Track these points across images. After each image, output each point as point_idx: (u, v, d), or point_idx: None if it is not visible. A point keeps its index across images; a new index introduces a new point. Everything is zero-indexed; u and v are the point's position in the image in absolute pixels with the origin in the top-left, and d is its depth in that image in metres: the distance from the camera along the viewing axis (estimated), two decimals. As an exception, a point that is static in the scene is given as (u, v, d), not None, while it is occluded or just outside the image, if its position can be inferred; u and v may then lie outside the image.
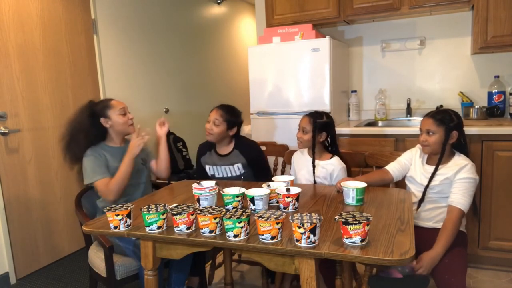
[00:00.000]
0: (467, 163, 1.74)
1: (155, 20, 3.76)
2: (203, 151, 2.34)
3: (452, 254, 1.63)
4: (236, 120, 2.24)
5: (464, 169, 1.73)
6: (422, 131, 1.82)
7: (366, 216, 1.21)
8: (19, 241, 2.63)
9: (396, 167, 1.95)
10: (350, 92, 3.21)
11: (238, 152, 2.23)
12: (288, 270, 1.28)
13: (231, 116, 2.21)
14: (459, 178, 1.72)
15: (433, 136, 1.76)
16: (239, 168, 2.23)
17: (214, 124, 2.18)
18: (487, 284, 2.28)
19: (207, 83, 4.69)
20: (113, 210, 1.42)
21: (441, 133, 1.75)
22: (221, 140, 2.23)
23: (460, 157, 1.79)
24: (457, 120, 1.77)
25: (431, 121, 1.78)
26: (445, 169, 1.77)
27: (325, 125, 2.04)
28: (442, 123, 1.75)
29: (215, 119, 2.18)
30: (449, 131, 1.74)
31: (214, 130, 2.18)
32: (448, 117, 1.76)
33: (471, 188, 1.72)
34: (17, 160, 2.62)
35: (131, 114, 2.10)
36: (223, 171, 2.26)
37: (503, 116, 2.74)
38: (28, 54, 2.66)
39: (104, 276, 1.81)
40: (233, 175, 2.25)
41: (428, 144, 1.78)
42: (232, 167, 2.24)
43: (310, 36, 2.74)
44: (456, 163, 1.76)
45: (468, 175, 1.71)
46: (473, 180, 1.72)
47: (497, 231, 2.37)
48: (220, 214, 1.32)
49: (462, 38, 2.88)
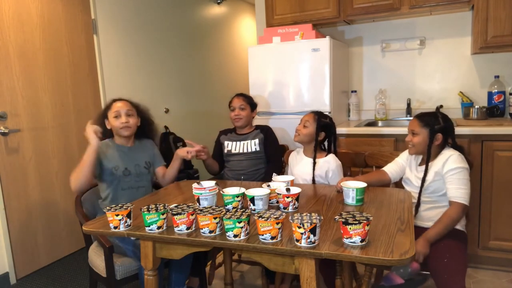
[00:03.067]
0: (453, 154, 1.75)
1: (155, 20, 3.75)
2: (224, 133, 2.56)
3: (452, 253, 1.63)
4: (255, 103, 2.53)
5: (450, 160, 1.73)
6: (408, 132, 1.84)
7: (366, 216, 1.21)
8: (19, 241, 2.63)
9: (393, 168, 1.96)
10: (350, 92, 3.21)
11: (258, 130, 2.47)
12: (288, 270, 1.28)
13: (250, 99, 2.51)
14: (448, 170, 1.73)
15: (416, 136, 1.79)
16: (256, 144, 2.40)
17: (241, 109, 2.42)
18: (487, 284, 2.28)
19: (207, 83, 4.69)
20: (113, 210, 1.42)
21: (424, 135, 1.77)
22: (248, 123, 2.48)
23: (449, 150, 1.80)
24: (444, 123, 1.77)
25: (417, 122, 1.80)
26: (434, 164, 1.78)
27: (326, 126, 2.08)
28: (427, 125, 1.77)
29: (240, 105, 2.43)
30: (433, 133, 1.75)
31: (241, 114, 2.42)
32: (434, 120, 1.77)
33: (464, 177, 1.72)
34: (17, 160, 2.62)
35: (130, 118, 2.02)
36: (240, 146, 2.43)
37: (503, 116, 2.74)
38: (28, 54, 2.66)
39: (104, 276, 1.81)
40: (249, 151, 2.40)
41: (412, 144, 1.81)
42: (249, 142, 2.43)
43: (310, 36, 2.74)
44: (443, 155, 1.78)
45: (455, 165, 1.72)
46: (462, 168, 1.72)
47: (497, 231, 2.37)
48: (220, 214, 1.32)
49: (462, 38, 2.88)
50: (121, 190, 2.00)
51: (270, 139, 2.45)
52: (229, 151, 2.45)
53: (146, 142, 2.18)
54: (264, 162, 2.44)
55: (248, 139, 2.44)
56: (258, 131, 2.47)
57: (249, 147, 2.41)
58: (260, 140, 2.42)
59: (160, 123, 3.83)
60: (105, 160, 1.98)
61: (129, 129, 2.02)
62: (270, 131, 2.49)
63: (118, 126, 1.99)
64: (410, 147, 1.84)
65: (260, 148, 2.41)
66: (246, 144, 2.43)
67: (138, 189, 2.05)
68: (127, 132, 2.01)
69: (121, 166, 2.00)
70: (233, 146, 2.45)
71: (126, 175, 2.01)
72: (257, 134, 2.45)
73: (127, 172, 2.01)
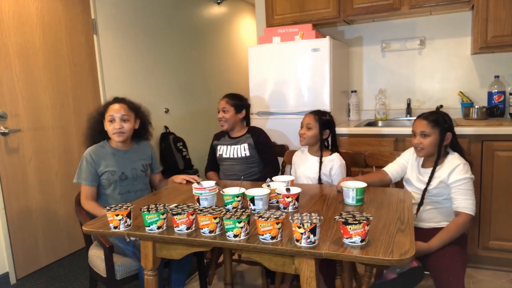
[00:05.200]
0: (459, 163, 1.72)
1: (155, 20, 3.76)
2: (218, 137, 2.52)
3: (451, 253, 1.63)
4: (242, 103, 2.42)
5: (457, 170, 1.71)
6: (416, 134, 1.78)
7: (366, 216, 1.21)
8: (19, 241, 2.63)
9: (394, 169, 1.94)
10: (350, 92, 3.21)
11: (249, 135, 2.41)
12: (288, 270, 1.28)
13: (236, 100, 2.41)
14: (454, 180, 1.70)
15: (428, 138, 1.74)
16: (245, 148, 2.35)
17: (223, 111, 2.37)
18: (487, 284, 2.28)
19: (207, 83, 4.69)
20: (113, 210, 1.42)
21: (436, 135, 1.73)
22: (234, 125, 2.40)
23: (454, 156, 1.76)
24: (449, 121, 1.76)
25: (426, 123, 1.75)
26: (439, 172, 1.75)
27: (328, 123, 2.09)
28: (437, 124, 1.73)
29: (223, 107, 2.38)
30: (444, 132, 1.72)
31: (225, 116, 2.36)
32: (441, 119, 1.74)
33: (470, 187, 1.71)
34: (17, 160, 2.62)
35: (125, 123, 1.97)
36: (231, 151, 2.39)
37: (503, 116, 2.74)
38: (28, 54, 2.66)
39: (104, 276, 1.81)
40: (239, 156, 2.36)
41: (423, 147, 1.75)
42: (239, 147, 2.38)
43: (310, 36, 2.74)
44: (449, 163, 1.74)
45: (462, 175, 1.70)
46: (469, 179, 1.70)
47: (497, 231, 2.37)
48: (220, 214, 1.32)
49: (462, 38, 2.88)
50: (118, 195, 1.99)
51: (262, 143, 2.38)
52: (221, 155, 2.43)
53: (144, 144, 2.17)
54: (258, 165, 2.41)
55: (238, 144, 2.39)
56: (249, 135, 2.40)
57: (239, 152, 2.37)
58: (250, 146, 2.36)
59: (160, 123, 3.84)
60: (101, 167, 1.96)
61: (122, 135, 1.97)
62: (261, 135, 2.42)
63: (111, 131, 1.97)
64: (419, 149, 1.78)
65: (251, 153, 2.36)
66: (236, 149, 2.38)
67: (136, 193, 2.04)
68: (120, 138, 1.97)
69: (118, 171, 1.98)
70: (224, 150, 2.42)
71: (123, 179, 2.00)
72: (247, 139, 2.39)
73: (123, 177, 2.00)
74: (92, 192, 1.95)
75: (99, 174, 1.96)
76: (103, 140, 2.04)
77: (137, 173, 2.05)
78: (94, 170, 1.94)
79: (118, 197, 1.99)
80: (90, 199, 1.94)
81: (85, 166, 1.94)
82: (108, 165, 1.97)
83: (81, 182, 1.94)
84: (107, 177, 1.96)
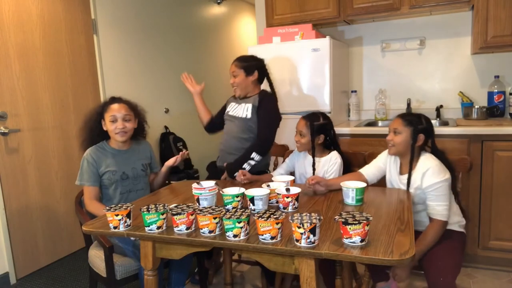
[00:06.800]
0: (429, 166, 1.68)
1: (155, 20, 3.76)
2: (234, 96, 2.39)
3: (445, 255, 1.63)
4: (252, 64, 2.27)
5: (428, 174, 1.67)
6: (390, 130, 1.80)
7: (366, 216, 1.21)
8: (19, 241, 2.63)
9: (371, 171, 1.90)
10: (350, 92, 3.21)
11: (257, 96, 2.25)
12: (288, 270, 1.28)
13: (246, 61, 2.27)
14: (427, 186, 1.67)
15: (399, 135, 1.74)
16: (248, 109, 2.23)
17: (234, 76, 2.26)
18: (487, 284, 2.28)
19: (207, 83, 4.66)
20: (112, 210, 1.42)
21: (407, 134, 1.73)
22: (247, 89, 2.26)
23: (426, 157, 1.73)
24: (426, 124, 1.75)
25: (400, 121, 1.76)
26: (413, 176, 1.73)
27: (322, 127, 2.00)
28: (410, 123, 1.73)
29: (233, 72, 2.26)
30: (416, 133, 1.72)
31: (236, 81, 2.25)
32: (417, 120, 1.74)
33: (443, 192, 1.66)
34: (17, 160, 2.62)
35: (127, 123, 1.98)
36: (236, 109, 2.30)
37: (503, 116, 2.73)
38: (28, 54, 2.66)
39: (104, 276, 1.81)
40: (240, 116, 2.25)
41: (393, 144, 1.76)
42: (243, 106, 2.26)
43: (310, 36, 2.74)
44: (421, 166, 1.72)
45: (434, 180, 1.65)
46: (441, 183, 1.65)
47: (497, 231, 2.37)
48: (220, 214, 1.32)
49: (462, 38, 2.88)
50: (119, 194, 1.99)
51: (262, 109, 2.20)
52: (228, 112, 2.35)
53: (143, 144, 2.17)
54: (254, 133, 2.24)
55: (244, 103, 2.26)
56: (256, 96, 2.25)
57: (242, 111, 2.25)
58: (253, 108, 2.21)
59: (160, 123, 3.84)
60: (102, 167, 1.96)
61: (125, 134, 1.98)
62: (266, 99, 2.23)
63: (114, 131, 1.96)
64: (390, 146, 1.79)
65: (252, 117, 2.21)
66: (241, 108, 2.27)
67: (137, 192, 2.04)
68: (123, 137, 1.98)
69: (119, 170, 1.98)
70: (232, 108, 2.34)
71: (124, 179, 2.00)
72: (254, 100, 2.24)
73: (124, 176, 2.00)
74: (96, 193, 1.95)
75: (101, 174, 1.96)
76: (102, 141, 2.03)
77: (138, 173, 2.05)
78: (95, 170, 1.94)
79: (120, 196, 1.99)
80: (94, 199, 1.93)
81: (86, 167, 1.94)
82: (109, 165, 1.97)
83: (84, 184, 1.93)
84: (108, 177, 1.96)
